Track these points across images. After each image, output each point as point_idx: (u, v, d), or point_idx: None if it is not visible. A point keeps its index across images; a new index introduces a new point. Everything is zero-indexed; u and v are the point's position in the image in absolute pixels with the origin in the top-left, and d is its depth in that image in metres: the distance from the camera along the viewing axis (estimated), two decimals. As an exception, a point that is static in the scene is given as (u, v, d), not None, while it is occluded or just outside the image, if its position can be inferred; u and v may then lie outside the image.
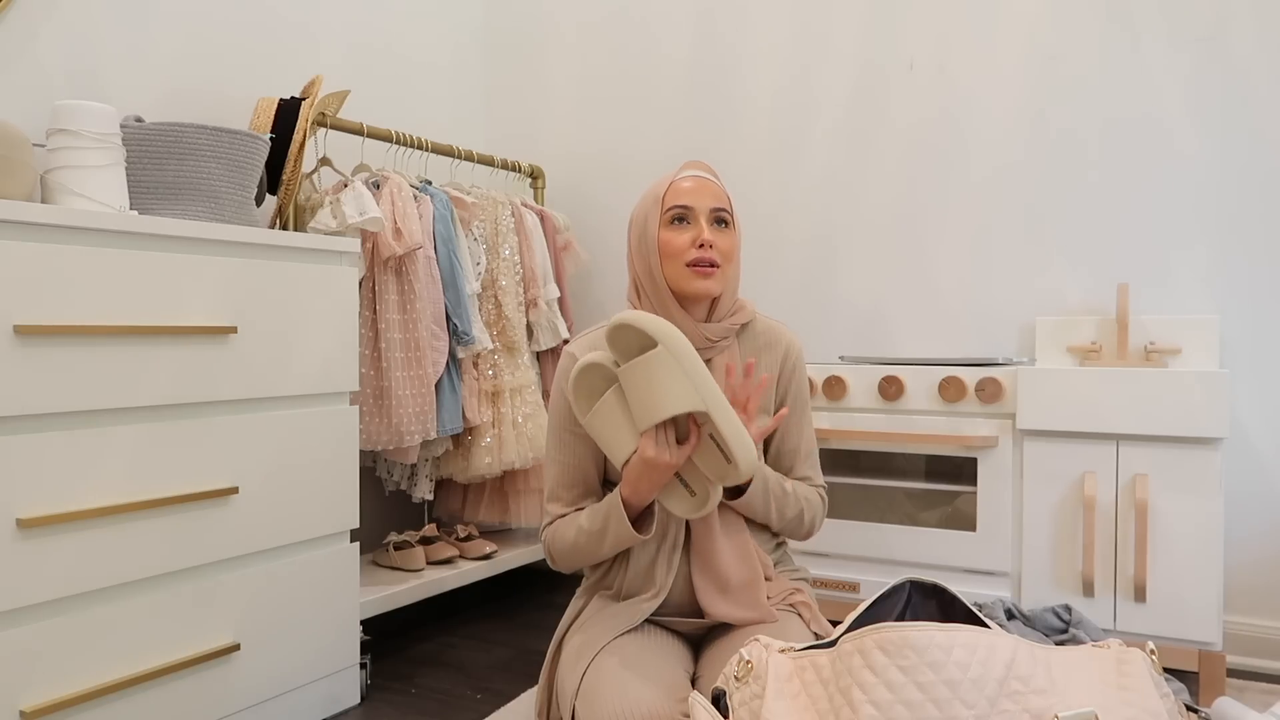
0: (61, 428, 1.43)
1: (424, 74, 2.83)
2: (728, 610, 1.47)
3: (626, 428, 1.36)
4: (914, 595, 1.25)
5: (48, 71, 1.87)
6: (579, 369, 1.39)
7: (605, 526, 1.43)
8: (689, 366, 1.30)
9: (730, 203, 1.53)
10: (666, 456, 1.33)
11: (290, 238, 1.76)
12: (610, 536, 1.43)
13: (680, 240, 1.48)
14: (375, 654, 2.21)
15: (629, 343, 1.35)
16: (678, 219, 1.49)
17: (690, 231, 1.48)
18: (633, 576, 1.51)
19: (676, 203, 1.49)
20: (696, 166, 1.55)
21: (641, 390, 1.32)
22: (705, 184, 1.51)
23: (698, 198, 1.49)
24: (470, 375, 2.35)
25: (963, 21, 2.42)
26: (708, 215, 1.49)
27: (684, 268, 1.47)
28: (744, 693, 1.14)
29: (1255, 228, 2.13)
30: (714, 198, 1.50)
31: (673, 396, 1.30)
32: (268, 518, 1.72)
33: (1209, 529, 1.85)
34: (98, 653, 1.47)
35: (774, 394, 1.57)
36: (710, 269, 1.47)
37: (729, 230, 1.51)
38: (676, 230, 1.48)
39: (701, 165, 1.56)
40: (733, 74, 2.71)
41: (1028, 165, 2.35)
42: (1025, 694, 1.02)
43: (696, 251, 1.46)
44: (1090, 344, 2.23)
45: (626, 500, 1.40)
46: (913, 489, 2.17)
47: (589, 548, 1.46)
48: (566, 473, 1.53)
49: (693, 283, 1.47)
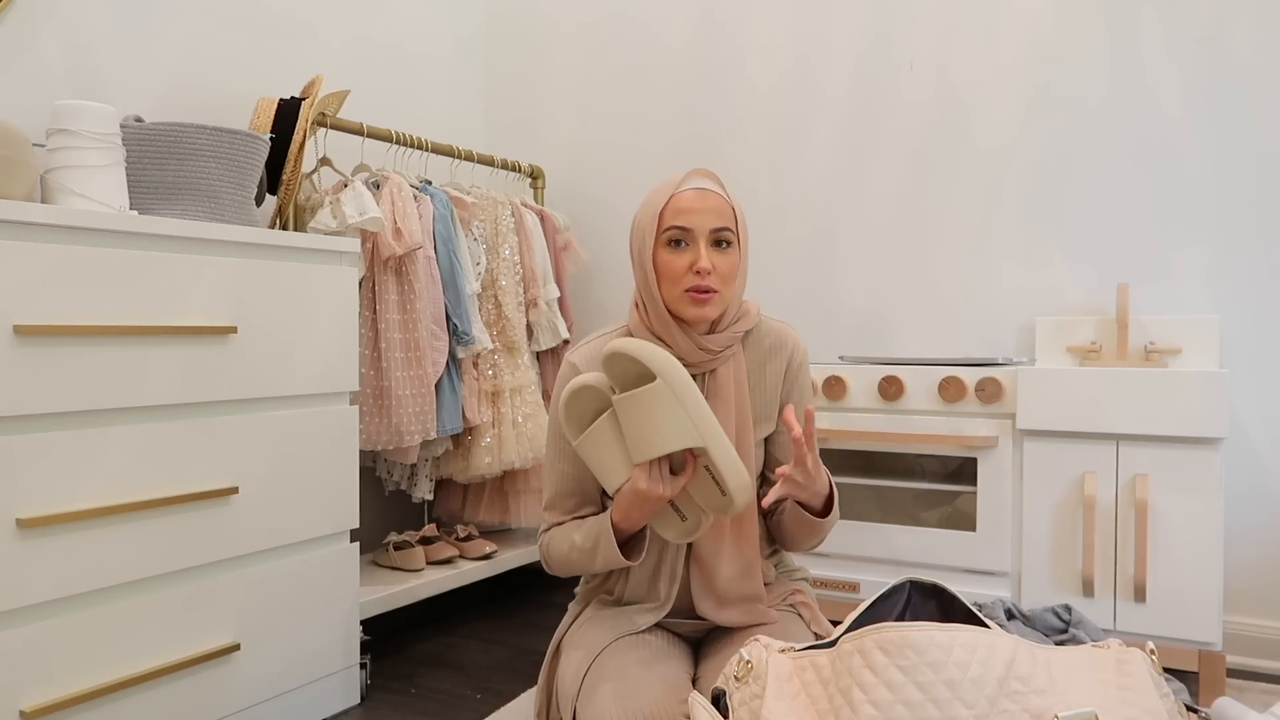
0: (61, 428, 1.43)
1: (424, 74, 2.83)
2: (727, 618, 1.47)
3: (619, 456, 1.33)
4: (914, 595, 1.26)
5: (48, 71, 1.87)
6: (570, 391, 1.36)
7: (596, 547, 1.41)
8: (689, 402, 1.27)
9: (736, 216, 1.44)
10: (659, 489, 1.30)
11: (290, 238, 1.76)
12: (600, 558, 1.41)
13: (678, 264, 1.40)
14: (375, 654, 2.21)
15: (625, 371, 1.31)
16: (675, 241, 1.41)
17: (688, 255, 1.40)
18: (634, 586, 1.50)
19: (674, 223, 1.40)
20: (701, 176, 1.45)
21: (638, 423, 1.28)
22: (707, 199, 1.41)
23: (697, 218, 1.40)
24: (470, 375, 2.35)
25: (963, 20, 2.42)
26: (707, 237, 1.40)
27: (681, 293, 1.40)
28: (744, 693, 1.14)
29: (1255, 228, 2.13)
30: (716, 215, 1.41)
31: (670, 432, 1.27)
32: (267, 518, 1.72)
33: (1209, 529, 1.85)
34: (98, 653, 1.47)
35: (777, 400, 1.55)
36: (707, 294, 1.40)
37: (731, 250, 1.42)
38: (674, 252, 1.40)
39: (707, 174, 1.46)
40: (733, 74, 2.71)
41: (1028, 164, 2.35)
42: (1025, 694, 1.03)
43: (694, 278, 1.39)
44: (1090, 344, 2.22)
45: (617, 525, 1.38)
46: (913, 489, 2.17)
47: (581, 563, 1.45)
48: (565, 482, 1.51)
49: (689, 309, 1.41)
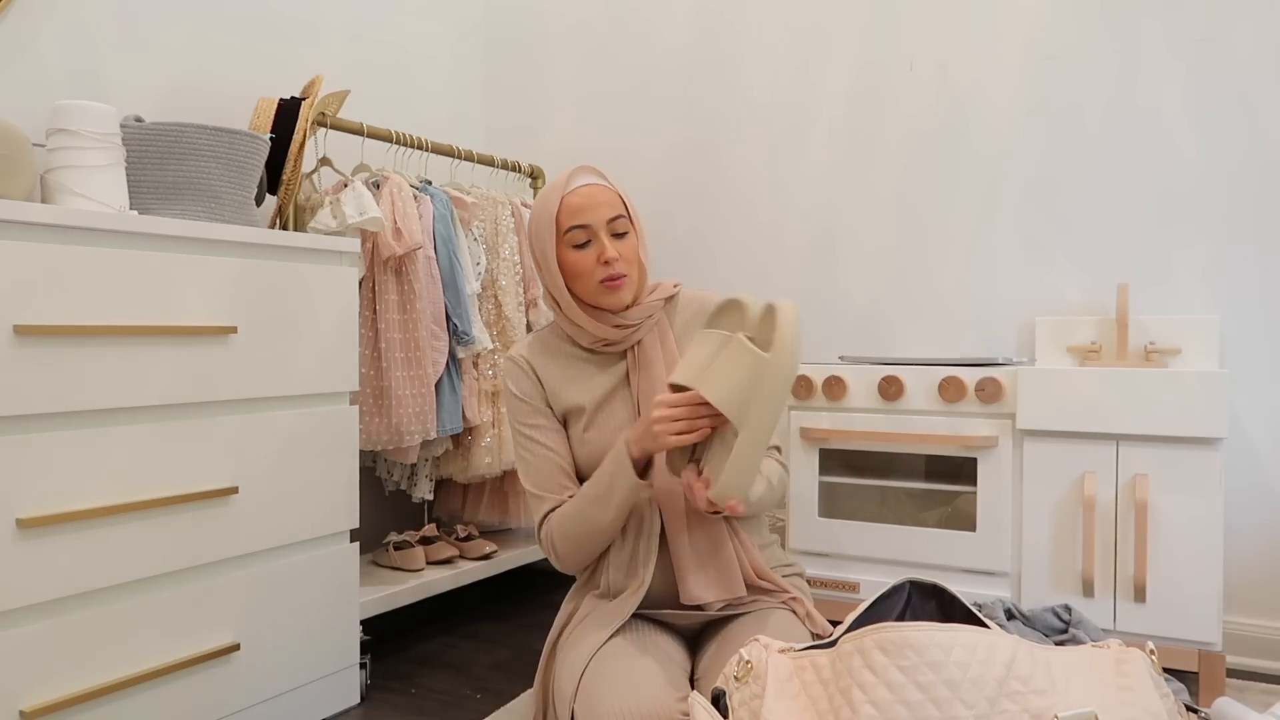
0: (61, 428, 1.43)
1: (424, 74, 2.83)
2: (703, 591, 1.46)
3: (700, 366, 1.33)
4: (914, 596, 1.26)
5: (48, 71, 1.87)
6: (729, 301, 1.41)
7: (611, 485, 1.42)
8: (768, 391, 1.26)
9: (625, 202, 1.51)
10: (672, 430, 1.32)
11: (290, 238, 1.76)
12: (616, 494, 1.41)
13: (585, 262, 1.48)
14: (375, 654, 2.21)
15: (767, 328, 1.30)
16: (577, 243, 1.48)
17: (593, 250, 1.48)
18: (615, 572, 1.51)
19: (573, 223, 1.47)
20: (584, 173, 1.51)
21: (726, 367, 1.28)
22: (596, 193, 1.48)
23: (592, 213, 1.47)
24: (470, 375, 2.35)
25: (963, 21, 2.42)
26: (605, 229, 1.48)
27: (596, 285, 1.48)
28: (744, 693, 1.14)
29: (1255, 228, 2.13)
30: (608, 207, 1.48)
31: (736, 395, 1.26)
32: (267, 518, 1.72)
33: (1209, 529, 1.85)
34: (98, 653, 1.47)
35: None
36: (619, 280, 1.48)
37: (629, 236, 1.50)
38: (579, 252, 1.48)
39: (589, 170, 1.52)
40: (733, 74, 2.71)
41: (1027, 165, 2.35)
42: (1025, 694, 1.03)
43: (604, 269, 1.47)
44: (1090, 344, 2.22)
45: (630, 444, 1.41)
46: (913, 489, 2.17)
47: (595, 516, 1.44)
48: (545, 465, 1.53)
49: (606, 298, 1.49)
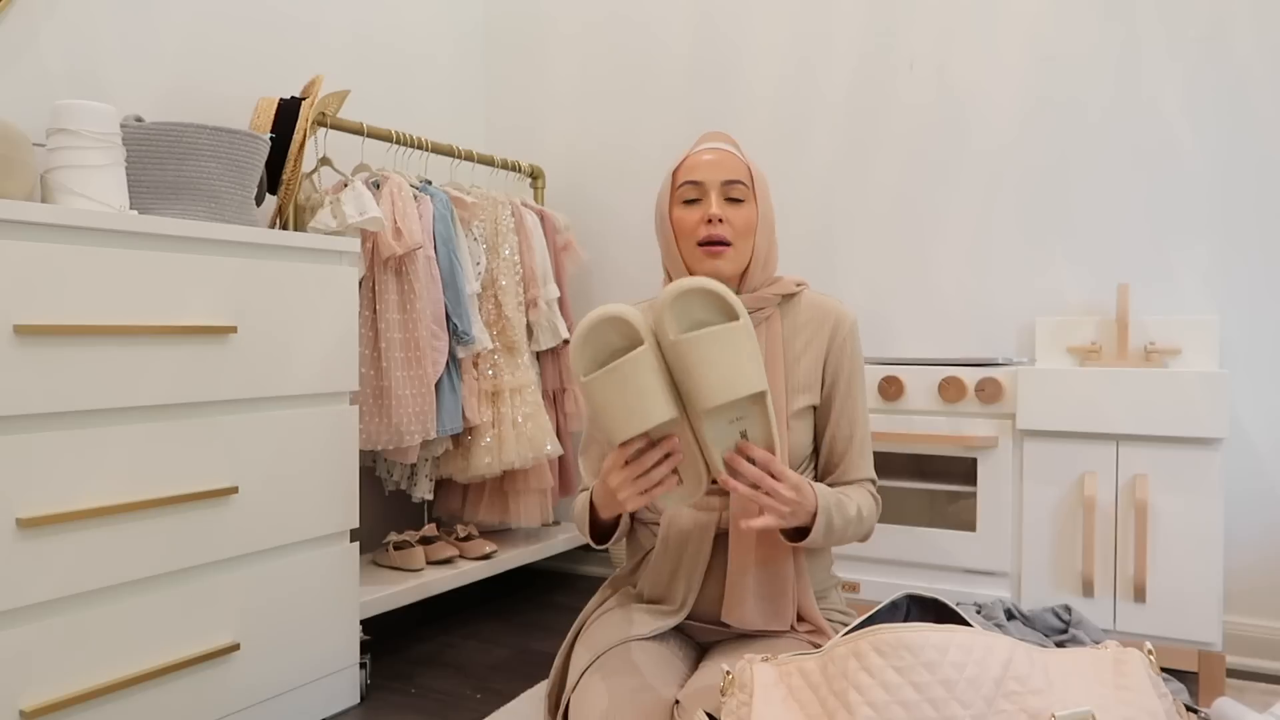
0: (61, 428, 1.43)
1: (424, 73, 2.83)
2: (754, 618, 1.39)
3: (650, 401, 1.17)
4: (913, 610, 1.24)
5: (48, 71, 1.87)
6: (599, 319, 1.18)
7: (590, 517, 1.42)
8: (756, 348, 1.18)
9: (751, 174, 1.44)
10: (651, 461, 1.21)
11: (290, 238, 1.76)
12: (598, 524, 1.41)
13: (691, 218, 1.42)
14: (375, 654, 2.21)
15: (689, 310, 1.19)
16: (689, 198, 1.43)
17: (701, 209, 1.42)
18: (653, 583, 1.45)
19: (687, 178, 1.43)
20: (715, 138, 1.47)
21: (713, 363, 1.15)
22: (721, 156, 1.43)
23: (709, 171, 1.42)
24: (470, 375, 2.35)
25: (962, 21, 2.42)
26: (719, 190, 1.41)
27: (695, 246, 1.42)
28: (730, 703, 1.14)
29: (1255, 228, 2.13)
30: (729, 170, 1.42)
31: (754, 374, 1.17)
32: (267, 518, 1.72)
33: (1209, 529, 1.84)
34: (98, 653, 1.47)
35: (820, 372, 1.46)
36: (721, 248, 1.40)
37: (745, 205, 1.43)
38: (688, 209, 1.43)
39: (721, 136, 1.48)
40: (733, 74, 2.71)
41: (1027, 165, 2.35)
42: (1022, 694, 1.02)
43: (706, 229, 1.40)
44: (1090, 344, 2.22)
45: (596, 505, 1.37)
46: (913, 489, 2.17)
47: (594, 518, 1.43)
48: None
49: (704, 263, 1.41)
